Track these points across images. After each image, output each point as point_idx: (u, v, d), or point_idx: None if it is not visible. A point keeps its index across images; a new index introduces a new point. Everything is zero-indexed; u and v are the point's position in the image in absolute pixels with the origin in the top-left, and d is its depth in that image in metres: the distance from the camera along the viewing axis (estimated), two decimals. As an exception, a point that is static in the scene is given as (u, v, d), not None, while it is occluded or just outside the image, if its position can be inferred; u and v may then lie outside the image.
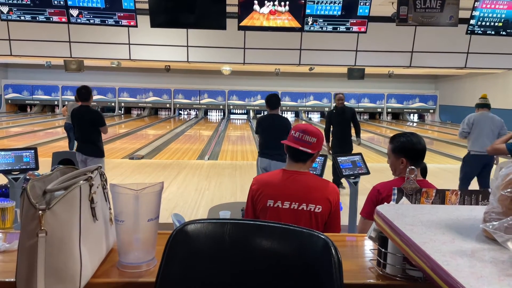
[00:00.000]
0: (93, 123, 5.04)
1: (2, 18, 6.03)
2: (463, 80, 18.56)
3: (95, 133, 5.08)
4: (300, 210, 1.95)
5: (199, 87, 20.96)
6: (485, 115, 5.32)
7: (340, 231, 2.09)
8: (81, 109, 5.15)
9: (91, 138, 5.05)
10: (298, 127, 2.05)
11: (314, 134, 2.01)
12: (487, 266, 0.71)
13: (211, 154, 9.70)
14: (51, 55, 11.46)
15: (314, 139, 2.00)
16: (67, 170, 1.09)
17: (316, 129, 2.07)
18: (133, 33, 10.51)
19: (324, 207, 1.96)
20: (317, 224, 1.97)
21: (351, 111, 6.47)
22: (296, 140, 2.01)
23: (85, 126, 5.05)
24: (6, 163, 3.80)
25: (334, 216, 2.02)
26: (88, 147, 5.04)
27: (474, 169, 5.26)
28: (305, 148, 1.98)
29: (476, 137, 5.24)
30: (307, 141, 1.99)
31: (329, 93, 21.12)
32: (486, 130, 5.20)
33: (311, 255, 0.88)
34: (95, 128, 5.06)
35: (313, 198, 1.96)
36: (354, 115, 6.44)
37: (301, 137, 2.00)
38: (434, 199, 1.35)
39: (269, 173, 2.18)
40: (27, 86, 20.31)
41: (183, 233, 0.92)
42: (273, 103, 4.90)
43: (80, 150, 5.09)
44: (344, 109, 6.38)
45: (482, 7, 6.27)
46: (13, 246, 1.22)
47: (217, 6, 5.89)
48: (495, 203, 0.84)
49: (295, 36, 10.46)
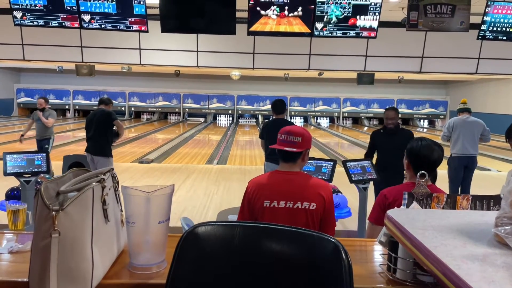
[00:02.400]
0: (104, 121, 5.22)
1: (15, 23, 6.13)
2: (475, 86, 18.39)
3: (105, 133, 5.23)
4: (296, 209, 2.00)
5: (208, 92, 21.06)
6: (465, 119, 5.61)
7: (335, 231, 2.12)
8: (96, 111, 5.44)
9: (100, 137, 5.20)
10: (284, 129, 2.14)
11: (298, 134, 2.09)
12: (499, 271, 0.71)
13: (219, 159, 9.72)
14: (63, 60, 11.61)
15: (299, 138, 2.08)
16: (80, 172, 1.11)
17: (301, 129, 2.17)
18: (144, 38, 10.61)
19: (318, 204, 2.01)
20: (314, 222, 2.00)
21: (405, 135, 4.54)
22: (282, 142, 2.10)
23: (96, 125, 5.23)
24: (19, 166, 3.86)
25: (328, 214, 2.06)
26: (95, 146, 5.19)
27: (458, 170, 5.53)
28: (291, 148, 2.06)
29: (455, 140, 5.56)
30: (292, 141, 2.08)
31: (338, 98, 21.07)
32: (466, 132, 5.50)
33: (321, 259, 0.88)
34: (106, 129, 5.23)
35: (307, 196, 2.01)
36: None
37: (286, 138, 2.09)
38: (445, 204, 1.34)
39: (263, 175, 2.25)
40: (39, 90, 20.58)
41: (193, 235, 0.93)
42: (278, 108, 4.97)
43: (88, 150, 5.25)
44: (395, 131, 4.64)
45: (494, 12, 6.22)
46: (25, 247, 1.23)
47: (227, 11, 5.92)
48: (507, 208, 0.84)
49: (304, 41, 10.48)
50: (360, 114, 21.46)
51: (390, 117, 4.59)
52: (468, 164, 5.52)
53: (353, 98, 21.01)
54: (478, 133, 5.54)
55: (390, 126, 4.59)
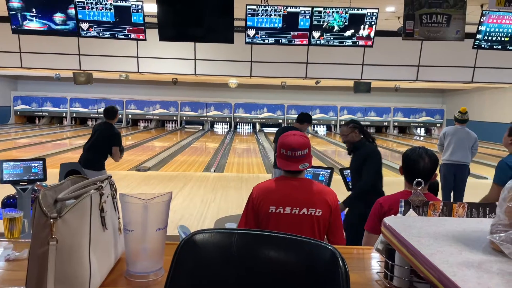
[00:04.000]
0: (103, 141, 5.00)
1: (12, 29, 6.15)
2: (471, 94, 18.51)
3: (100, 151, 5.03)
4: (302, 215, 1.98)
5: (205, 100, 21.10)
6: (458, 129, 5.65)
7: (344, 238, 2.10)
8: (101, 124, 5.27)
9: (93, 154, 5.01)
10: (285, 144, 2.03)
11: (303, 146, 2.02)
12: (494, 278, 0.71)
13: (217, 167, 9.71)
14: (61, 68, 11.64)
15: (306, 150, 2.02)
16: (77, 180, 1.11)
17: (301, 139, 2.06)
18: (142, 46, 10.67)
19: (324, 210, 1.99)
20: (319, 229, 1.98)
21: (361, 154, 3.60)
22: (289, 158, 2.01)
23: (95, 141, 5.05)
24: (15, 174, 3.85)
25: (334, 222, 2.03)
26: (87, 160, 4.97)
27: (447, 177, 5.56)
28: (303, 163, 2.01)
29: (446, 148, 5.62)
30: (301, 156, 2.01)
31: (335, 106, 21.15)
32: (456, 141, 5.55)
33: (319, 266, 0.88)
34: (103, 149, 5.01)
35: (313, 202, 1.99)
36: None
37: (293, 154, 2.00)
38: (441, 212, 1.35)
39: (268, 181, 2.21)
40: (36, 98, 20.55)
41: (191, 243, 0.93)
42: (298, 117, 5.40)
43: (79, 161, 5.04)
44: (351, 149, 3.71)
45: (489, 22, 6.30)
46: (22, 255, 1.23)
47: (225, 20, 5.97)
48: (502, 215, 0.85)
49: (301, 50, 10.55)
50: (357, 122, 21.52)
51: (342, 134, 3.78)
52: (456, 173, 5.52)
53: (350, 106, 21.10)
54: (469, 143, 5.55)
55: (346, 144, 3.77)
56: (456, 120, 5.75)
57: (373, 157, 3.48)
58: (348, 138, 3.62)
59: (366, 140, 3.61)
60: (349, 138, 3.61)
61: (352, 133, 3.59)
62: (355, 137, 3.58)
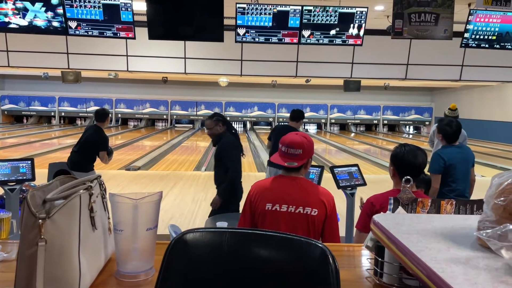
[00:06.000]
0: (90, 146, 4.94)
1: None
2: (459, 93, 18.72)
3: (90, 154, 4.97)
4: (297, 214, 1.99)
5: (196, 99, 21.04)
6: None
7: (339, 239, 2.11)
8: (90, 126, 5.20)
9: (81, 156, 4.95)
10: (284, 140, 2.09)
11: (298, 146, 2.05)
12: (481, 273, 0.72)
13: (208, 165, 9.69)
14: (49, 66, 11.51)
15: (300, 151, 2.05)
16: (66, 180, 1.10)
17: (301, 139, 2.09)
18: (131, 44, 10.59)
19: (320, 210, 2.00)
20: (315, 228, 1.99)
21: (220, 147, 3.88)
22: (284, 154, 2.07)
23: (82, 144, 5.00)
24: (3, 174, 3.80)
25: (331, 223, 2.04)
26: (73, 162, 4.92)
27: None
28: (292, 161, 2.04)
29: (436, 145, 5.62)
30: (293, 154, 2.04)
31: (325, 104, 21.24)
32: None
33: (309, 264, 0.88)
34: (89, 153, 4.95)
35: (309, 202, 2.00)
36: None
37: (287, 151, 2.05)
38: (429, 209, 1.37)
39: (266, 179, 2.25)
40: (24, 97, 20.30)
41: (182, 242, 0.93)
42: (291, 114, 5.52)
43: (67, 163, 4.98)
44: (215, 141, 3.92)
45: (476, 20, 6.37)
46: (11, 256, 1.22)
47: (215, 18, 5.95)
48: (488, 212, 0.86)
49: (291, 49, 10.57)
50: (347, 121, 21.65)
51: (206, 127, 3.88)
52: None
53: (340, 104, 21.20)
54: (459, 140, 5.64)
55: (211, 137, 3.88)
56: (446, 117, 5.81)
57: (232, 146, 3.79)
58: (213, 131, 3.80)
59: (229, 131, 3.87)
60: (213, 131, 3.80)
61: (216, 126, 3.79)
62: (220, 129, 3.79)
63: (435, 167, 3.65)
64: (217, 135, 3.81)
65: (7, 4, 5.84)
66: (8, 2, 5.83)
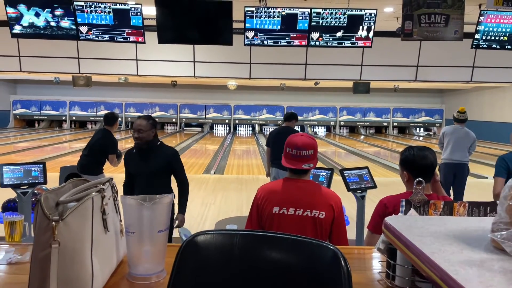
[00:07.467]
0: (99, 150, 4.94)
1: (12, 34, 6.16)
2: (470, 94, 18.54)
3: (99, 157, 4.97)
4: (305, 217, 1.98)
5: (205, 102, 21.12)
6: (457, 128, 5.68)
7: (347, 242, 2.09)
8: (99, 130, 5.19)
9: (89, 160, 4.95)
10: (293, 143, 2.04)
11: (309, 147, 2.03)
12: (496, 276, 0.71)
13: (217, 169, 9.71)
14: (60, 71, 11.65)
15: (312, 151, 2.03)
16: (79, 182, 1.11)
17: (309, 139, 2.08)
18: (141, 49, 10.68)
19: (327, 213, 1.99)
20: (322, 231, 1.98)
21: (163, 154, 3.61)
22: (295, 157, 2.02)
23: (91, 148, 5.00)
24: (15, 177, 3.84)
25: (338, 226, 2.03)
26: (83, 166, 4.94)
27: (447, 176, 5.59)
28: (308, 163, 2.02)
29: (445, 147, 5.67)
30: (306, 156, 2.01)
31: (334, 107, 21.17)
32: (455, 140, 5.59)
33: (321, 266, 0.88)
34: (102, 153, 4.96)
35: (316, 204, 1.99)
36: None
37: (299, 153, 2.01)
38: (442, 211, 1.35)
39: (273, 182, 2.23)
40: (35, 101, 20.57)
41: (193, 244, 0.93)
42: (286, 115, 5.53)
43: (77, 167, 5.00)
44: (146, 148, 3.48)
45: (487, 21, 6.31)
46: (24, 258, 1.23)
47: (224, 22, 5.98)
48: (503, 214, 0.85)
49: (300, 51, 10.56)
50: (357, 123, 21.55)
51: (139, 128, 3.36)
52: (457, 172, 5.55)
53: (349, 107, 21.12)
54: (467, 143, 5.58)
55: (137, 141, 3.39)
56: (455, 120, 5.77)
57: (178, 155, 3.70)
58: (145, 135, 3.34)
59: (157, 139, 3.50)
60: (146, 135, 3.35)
61: (150, 131, 3.38)
62: (152, 135, 3.40)
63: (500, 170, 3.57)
64: (147, 140, 3.37)
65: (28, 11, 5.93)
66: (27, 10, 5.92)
